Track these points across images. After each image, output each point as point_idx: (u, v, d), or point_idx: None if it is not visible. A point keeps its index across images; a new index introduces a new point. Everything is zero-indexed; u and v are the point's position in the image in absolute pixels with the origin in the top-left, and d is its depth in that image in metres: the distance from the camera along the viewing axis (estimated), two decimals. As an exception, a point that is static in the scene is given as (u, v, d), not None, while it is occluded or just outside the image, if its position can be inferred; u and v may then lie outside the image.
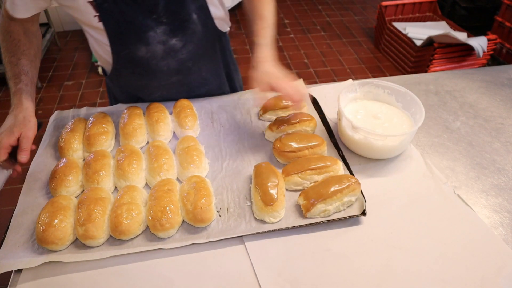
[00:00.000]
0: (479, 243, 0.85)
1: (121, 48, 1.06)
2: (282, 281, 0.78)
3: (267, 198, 0.87)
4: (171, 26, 1.05)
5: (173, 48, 1.09)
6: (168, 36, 1.06)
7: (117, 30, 1.01)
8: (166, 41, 1.07)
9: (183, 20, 1.05)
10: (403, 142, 1.02)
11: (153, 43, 1.05)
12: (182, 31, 1.07)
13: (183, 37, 1.08)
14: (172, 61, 1.12)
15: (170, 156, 1.01)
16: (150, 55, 1.08)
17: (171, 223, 0.83)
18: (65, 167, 0.96)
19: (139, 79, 1.17)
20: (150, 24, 1.02)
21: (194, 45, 1.12)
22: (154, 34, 1.04)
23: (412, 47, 3.07)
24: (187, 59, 1.14)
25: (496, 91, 1.36)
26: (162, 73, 1.15)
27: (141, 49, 1.06)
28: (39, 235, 0.81)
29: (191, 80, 1.22)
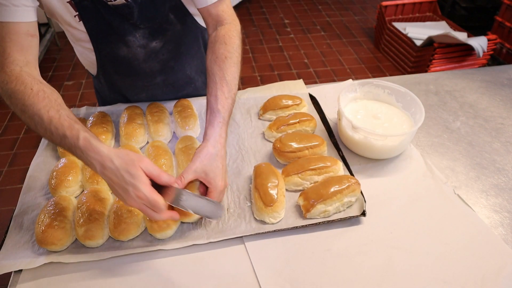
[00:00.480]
0: (479, 243, 0.85)
1: (102, 47, 1.05)
2: (282, 281, 0.78)
3: (267, 199, 0.87)
4: (149, 30, 1.04)
5: (154, 50, 1.08)
6: (147, 39, 1.05)
7: (97, 30, 1.00)
8: (146, 45, 1.06)
9: (161, 22, 1.04)
10: (403, 142, 1.02)
11: (133, 46, 1.05)
12: (161, 33, 1.06)
13: (163, 39, 1.07)
14: (154, 62, 1.11)
15: (169, 156, 1.01)
16: (131, 56, 1.08)
17: (168, 224, 0.83)
18: (65, 167, 0.96)
19: (123, 79, 1.17)
20: (128, 28, 1.01)
21: (175, 44, 1.11)
22: (134, 38, 1.03)
23: (412, 47, 3.07)
24: (169, 59, 1.13)
25: (496, 91, 1.36)
26: (145, 74, 1.14)
27: (123, 49, 1.06)
28: (39, 236, 0.81)
29: (176, 79, 1.21)
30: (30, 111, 0.77)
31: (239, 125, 1.16)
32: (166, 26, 1.06)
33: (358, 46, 3.68)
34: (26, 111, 0.78)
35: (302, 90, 1.30)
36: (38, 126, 0.78)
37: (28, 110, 0.77)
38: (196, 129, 1.12)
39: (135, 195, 0.72)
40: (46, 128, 0.77)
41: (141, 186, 0.71)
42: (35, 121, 0.77)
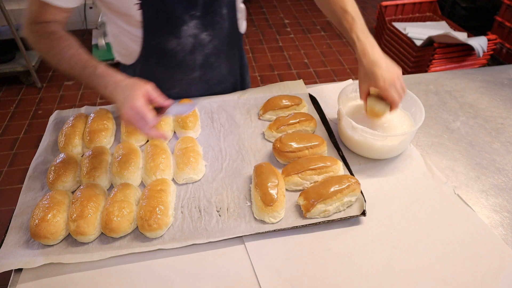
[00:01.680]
0: (479, 243, 0.85)
1: (152, 38, 1.08)
2: (282, 281, 0.78)
3: (267, 199, 0.87)
4: (203, 20, 1.08)
5: (202, 42, 1.13)
6: (199, 30, 1.10)
7: (154, 20, 1.03)
8: (196, 35, 1.10)
9: (214, 13, 1.09)
10: (403, 142, 1.02)
11: (184, 36, 1.09)
12: (212, 25, 1.11)
13: (212, 32, 1.12)
14: (198, 55, 1.16)
15: (167, 156, 1.01)
16: (179, 48, 1.11)
17: (158, 224, 0.83)
18: (63, 162, 0.97)
19: (163, 71, 1.19)
20: (184, 18, 1.06)
21: (220, 41, 1.17)
22: (187, 27, 1.08)
23: (412, 47, 3.07)
24: (211, 54, 1.18)
25: (496, 91, 1.36)
26: (187, 67, 1.18)
27: (172, 41, 1.09)
28: (32, 229, 0.82)
29: (211, 76, 1.25)
30: (54, 50, 0.93)
31: (239, 125, 1.16)
32: (217, 19, 1.11)
33: (358, 46, 3.68)
34: (51, 51, 0.94)
35: (302, 90, 1.30)
36: (60, 63, 0.94)
37: (53, 50, 0.93)
38: (197, 129, 1.12)
39: (130, 106, 0.83)
40: (67, 63, 0.92)
41: (136, 100, 0.84)
42: (58, 58, 0.93)
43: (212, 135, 1.13)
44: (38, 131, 2.68)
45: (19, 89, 3.14)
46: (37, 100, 3.02)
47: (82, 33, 3.98)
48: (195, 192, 0.96)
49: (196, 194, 0.95)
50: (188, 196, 0.95)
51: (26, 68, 3.04)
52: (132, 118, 0.84)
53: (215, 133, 1.14)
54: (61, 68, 0.94)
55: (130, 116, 0.84)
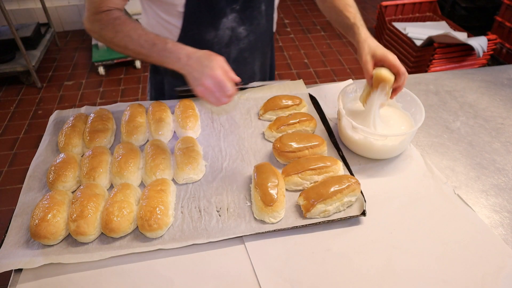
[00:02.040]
0: (479, 243, 0.85)
1: (191, 28, 1.09)
2: (282, 281, 0.78)
3: (267, 199, 0.87)
4: (241, 15, 1.10)
5: (238, 36, 1.15)
6: (237, 23, 1.12)
7: (196, 10, 1.05)
8: (234, 29, 1.12)
9: (253, 8, 1.12)
10: (403, 142, 1.02)
11: (222, 28, 1.10)
12: (249, 20, 1.13)
13: (249, 27, 1.14)
14: (234, 49, 1.17)
15: (167, 156, 1.01)
16: (216, 40, 1.13)
17: (158, 224, 0.83)
18: (63, 162, 0.97)
19: None
20: (227, 11, 1.07)
21: (255, 36, 1.19)
22: (226, 20, 1.09)
23: (412, 47, 3.07)
24: (246, 49, 1.20)
25: (496, 91, 1.36)
26: None
27: (211, 33, 1.11)
28: (32, 229, 0.82)
29: (243, 71, 1.25)
30: (121, 34, 0.96)
31: (239, 125, 1.16)
32: (256, 14, 1.14)
33: (358, 46, 3.68)
34: (117, 35, 0.97)
35: (302, 90, 1.30)
36: (128, 44, 0.96)
37: (119, 34, 0.96)
38: (197, 129, 1.12)
39: (210, 75, 0.86)
40: (136, 43, 0.95)
41: (215, 69, 0.86)
42: (125, 41, 0.96)
43: (212, 135, 1.13)
44: (38, 131, 2.68)
45: (19, 89, 3.14)
46: (37, 100, 3.02)
47: (82, 33, 3.98)
48: (195, 192, 0.96)
49: (196, 194, 0.95)
50: (188, 196, 0.95)
51: (26, 68, 3.04)
52: (211, 88, 0.87)
53: (215, 133, 1.14)
54: (130, 48, 0.96)
55: (209, 86, 0.86)
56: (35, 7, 3.81)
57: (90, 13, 1.00)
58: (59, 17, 3.93)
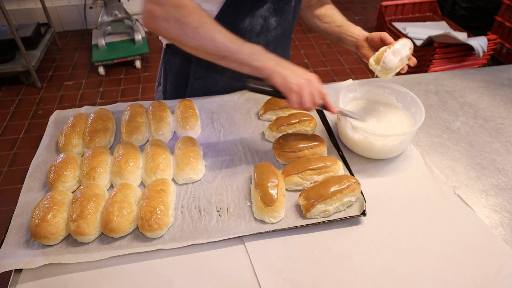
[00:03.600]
0: (479, 243, 0.85)
1: (228, 15, 1.07)
2: (282, 281, 0.78)
3: (267, 199, 0.87)
4: (275, 5, 1.11)
5: (269, 26, 1.16)
6: (270, 13, 1.12)
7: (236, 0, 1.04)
8: (266, 18, 1.13)
9: (285, 2, 1.13)
10: (403, 142, 1.02)
11: (257, 16, 1.11)
12: (280, 13, 1.14)
13: (279, 19, 1.16)
14: (263, 39, 1.18)
15: (167, 156, 1.01)
16: (250, 28, 1.12)
17: (159, 224, 0.83)
18: (63, 162, 0.97)
19: None
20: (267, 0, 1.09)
21: (282, 30, 1.20)
22: (261, 9, 1.10)
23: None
24: (272, 42, 1.21)
25: (496, 91, 1.36)
26: None
27: (246, 21, 1.10)
28: (32, 229, 0.82)
29: None
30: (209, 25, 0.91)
31: (239, 125, 1.16)
32: (286, 8, 1.15)
33: (358, 46, 3.68)
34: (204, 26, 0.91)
35: None
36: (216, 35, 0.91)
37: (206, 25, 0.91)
38: (197, 129, 1.12)
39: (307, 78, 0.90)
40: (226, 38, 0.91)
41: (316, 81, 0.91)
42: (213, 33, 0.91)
43: (212, 135, 1.13)
44: (38, 131, 2.68)
45: (19, 89, 3.14)
46: (37, 100, 3.02)
47: (82, 33, 3.98)
48: (195, 192, 0.96)
49: (196, 194, 0.95)
50: (188, 196, 0.95)
51: (26, 68, 3.04)
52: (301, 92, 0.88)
53: (215, 133, 1.14)
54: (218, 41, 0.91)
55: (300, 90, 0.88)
56: (35, 7, 3.81)
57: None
58: (59, 17, 3.93)
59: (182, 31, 0.91)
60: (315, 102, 0.91)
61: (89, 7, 3.92)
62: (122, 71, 3.38)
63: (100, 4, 3.61)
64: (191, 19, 0.90)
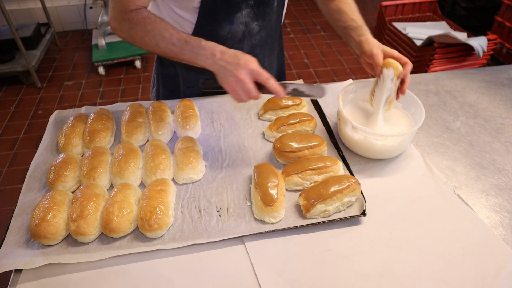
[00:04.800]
0: (479, 243, 0.85)
1: (206, 24, 1.09)
2: (282, 281, 0.78)
3: (267, 199, 0.87)
4: (255, 10, 1.11)
5: (251, 31, 1.15)
6: (250, 19, 1.12)
7: (211, 6, 1.05)
8: (247, 24, 1.13)
9: (266, 5, 1.12)
10: (403, 142, 1.02)
11: (236, 23, 1.11)
12: (262, 16, 1.13)
13: (261, 22, 1.15)
14: (246, 44, 1.18)
15: (167, 156, 1.01)
16: (230, 35, 1.13)
17: (159, 224, 0.83)
18: (63, 162, 0.97)
19: None
20: (242, 5, 1.08)
21: (266, 32, 1.19)
22: (240, 15, 1.09)
23: (412, 47, 3.07)
24: (257, 45, 1.21)
25: (496, 91, 1.36)
26: None
27: (225, 29, 1.11)
28: (32, 229, 0.82)
29: None
30: (152, 33, 0.97)
31: (239, 125, 1.16)
32: (268, 11, 1.14)
33: (358, 46, 3.68)
34: (147, 35, 0.97)
35: None
36: (159, 43, 0.97)
37: (149, 33, 0.97)
38: (197, 129, 1.12)
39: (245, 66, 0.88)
40: (168, 42, 0.96)
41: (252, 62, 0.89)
42: (156, 39, 0.97)
43: (212, 135, 1.13)
44: (38, 131, 2.68)
45: (19, 89, 3.14)
46: (37, 100, 3.02)
47: (82, 33, 3.98)
48: (195, 192, 0.96)
49: (196, 194, 0.95)
50: (188, 196, 0.95)
51: (26, 68, 3.04)
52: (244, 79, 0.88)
53: (215, 133, 1.14)
54: (160, 47, 0.97)
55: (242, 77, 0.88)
56: (35, 7, 3.81)
57: (117, 12, 0.99)
58: (59, 17, 3.93)
59: (133, 40, 1.01)
60: (252, 96, 0.90)
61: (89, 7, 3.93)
62: (122, 71, 3.38)
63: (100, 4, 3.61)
64: (135, 30, 0.98)
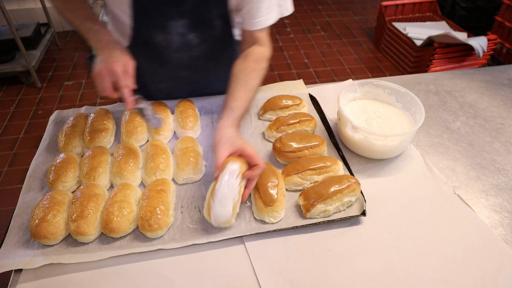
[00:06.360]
0: (479, 243, 0.85)
1: (141, 29, 1.08)
2: (282, 281, 0.78)
3: (267, 199, 0.87)
4: (192, 22, 1.07)
5: (189, 43, 1.11)
6: (187, 30, 1.08)
7: (143, 11, 1.03)
8: (184, 34, 1.09)
9: (204, 20, 1.07)
10: (403, 142, 1.02)
11: (171, 33, 1.08)
12: (201, 29, 1.09)
13: (200, 35, 1.11)
14: (185, 55, 1.14)
15: (167, 156, 1.01)
16: (165, 44, 1.10)
17: (159, 224, 0.83)
18: (63, 162, 0.97)
19: (150, 64, 1.18)
20: (174, 14, 1.04)
21: (210, 46, 1.15)
22: (175, 24, 1.06)
23: (412, 47, 3.07)
24: (199, 57, 1.17)
25: (496, 91, 1.36)
26: (172, 64, 1.17)
27: (159, 36, 1.08)
28: (32, 229, 0.82)
29: (198, 79, 1.24)
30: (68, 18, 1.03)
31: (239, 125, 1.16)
32: (208, 25, 1.09)
33: (358, 46, 3.68)
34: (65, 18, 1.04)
35: (302, 90, 1.30)
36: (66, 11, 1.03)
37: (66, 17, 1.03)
38: (197, 129, 1.12)
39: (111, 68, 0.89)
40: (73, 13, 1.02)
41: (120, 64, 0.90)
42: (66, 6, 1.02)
43: (212, 135, 1.13)
44: (38, 131, 2.68)
45: (19, 89, 3.14)
46: (37, 100, 3.02)
47: (82, 33, 3.97)
48: (195, 192, 0.96)
49: (196, 194, 0.95)
50: (188, 196, 0.95)
51: (26, 68, 3.04)
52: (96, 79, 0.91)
53: (215, 133, 1.14)
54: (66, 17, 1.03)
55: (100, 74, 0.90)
56: (35, 7, 3.81)
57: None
58: (59, 17, 3.93)
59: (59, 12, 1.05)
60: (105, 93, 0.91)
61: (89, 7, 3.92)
62: (122, 71, 3.38)
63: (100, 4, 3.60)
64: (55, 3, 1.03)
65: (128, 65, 0.93)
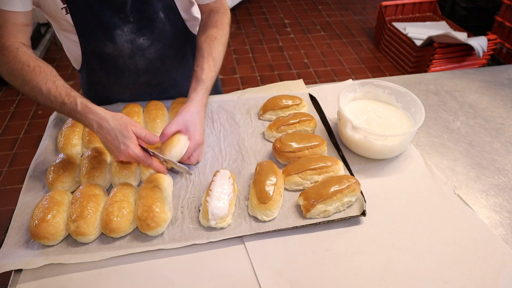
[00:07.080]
0: (479, 243, 0.85)
1: (88, 43, 1.05)
2: (282, 281, 0.78)
3: (262, 196, 0.87)
4: (138, 25, 1.05)
5: (140, 47, 1.09)
6: (135, 35, 1.06)
7: (84, 24, 1.00)
8: (133, 40, 1.07)
9: (150, 18, 1.05)
10: (403, 142, 1.02)
11: (120, 41, 1.05)
12: (149, 30, 1.07)
13: (150, 36, 1.08)
14: (140, 60, 1.12)
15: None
16: (117, 53, 1.08)
17: (156, 222, 0.83)
18: (63, 162, 0.97)
19: (108, 77, 1.16)
20: (117, 22, 1.02)
21: (163, 44, 1.12)
22: (122, 32, 1.04)
23: (412, 47, 3.07)
24: (156, 59, 1.14)
25: (496, 91, 1.36)
26: (129, 72, 1.14)
27: (108, 46, 1.06)
28: (32, 230, 0.82)
29: (161, 81, 1.22)
30: (30, 85, 0.88)
31: (239, 125, 1.16)
32: (154, 23, 1.06)
33: (358, 46, 3.68)
34: (26, 85, 0.89)
35: (302, 90, 1.30)
36: (38, 97, 0.89)
37: (28, 84, 0.89)
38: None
39: (127, 153, 0.86)
40: (46, 98, 0.88)
41: (132, 146, 0.86)
42: (35, 92, 0.89)
43: (212, 135, 1.13)
44: (38, 131, 2.67)
45: (19, 89, 3.14)
46: (37, 100, 3.02)
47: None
48: (195, 192, 0.96)
49: (196, 194, 0.95)
50: (188, 196, 0.95)
51: (26, 68, 3.04)
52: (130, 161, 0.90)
53: (215, 133, 1.14)
54: (40, 100, 0.90)
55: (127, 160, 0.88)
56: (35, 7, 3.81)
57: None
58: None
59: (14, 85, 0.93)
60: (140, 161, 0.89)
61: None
62: (122, 71, 3.38)
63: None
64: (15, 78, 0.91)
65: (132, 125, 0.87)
